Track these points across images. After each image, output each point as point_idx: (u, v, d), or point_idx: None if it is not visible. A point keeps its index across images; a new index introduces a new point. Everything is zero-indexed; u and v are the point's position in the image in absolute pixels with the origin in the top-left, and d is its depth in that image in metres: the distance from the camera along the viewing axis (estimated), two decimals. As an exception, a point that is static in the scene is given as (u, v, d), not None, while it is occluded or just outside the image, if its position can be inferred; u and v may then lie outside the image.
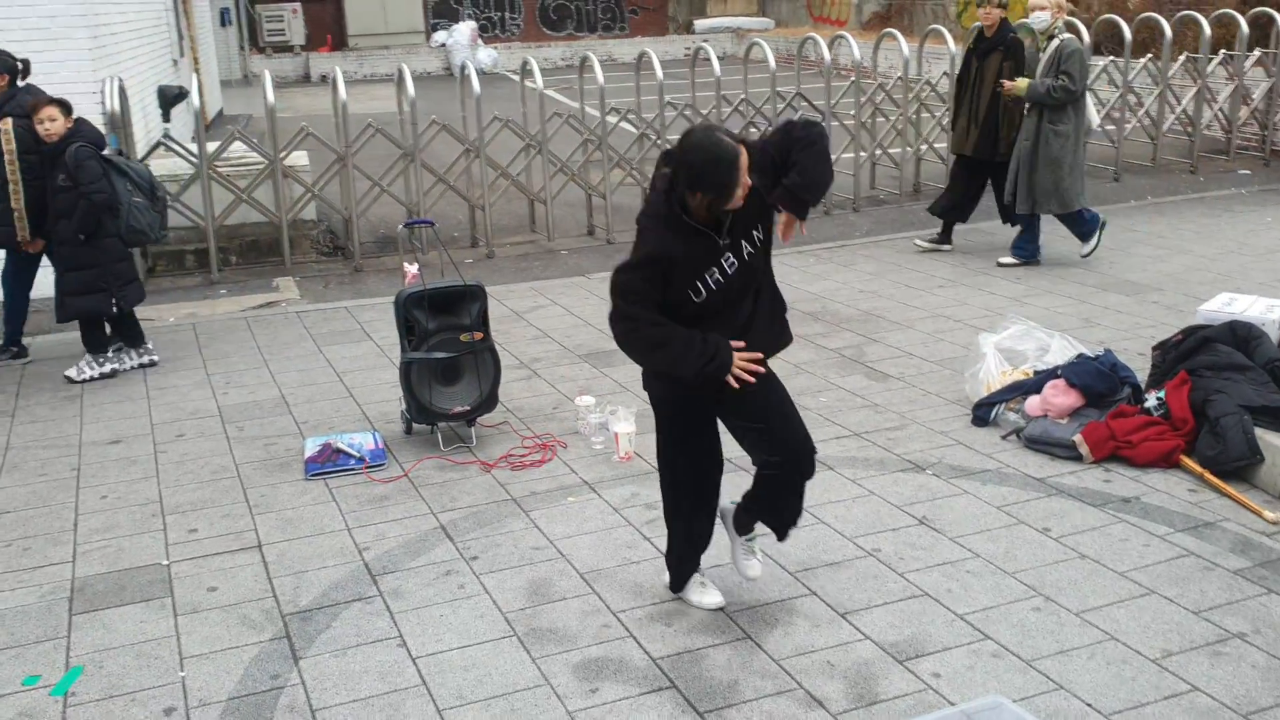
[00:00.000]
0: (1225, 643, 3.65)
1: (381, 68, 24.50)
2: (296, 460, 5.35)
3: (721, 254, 3.52)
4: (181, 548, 4.56)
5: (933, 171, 11.28)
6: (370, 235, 9.75)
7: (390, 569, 4.33)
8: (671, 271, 3.47)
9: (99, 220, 6.40)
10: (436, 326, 5.34)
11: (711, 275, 3.51)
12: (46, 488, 5.17)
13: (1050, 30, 8.00)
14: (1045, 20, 8.01)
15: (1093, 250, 8.42)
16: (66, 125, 6.40)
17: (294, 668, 3.70)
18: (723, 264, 3.52)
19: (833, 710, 3.38)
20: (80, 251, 6.41)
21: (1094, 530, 4.41)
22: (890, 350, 6.65)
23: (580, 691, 3.51)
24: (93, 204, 6.30)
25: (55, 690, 3.61)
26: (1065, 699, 3.39)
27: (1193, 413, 5.00)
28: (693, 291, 3.50)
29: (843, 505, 4.70)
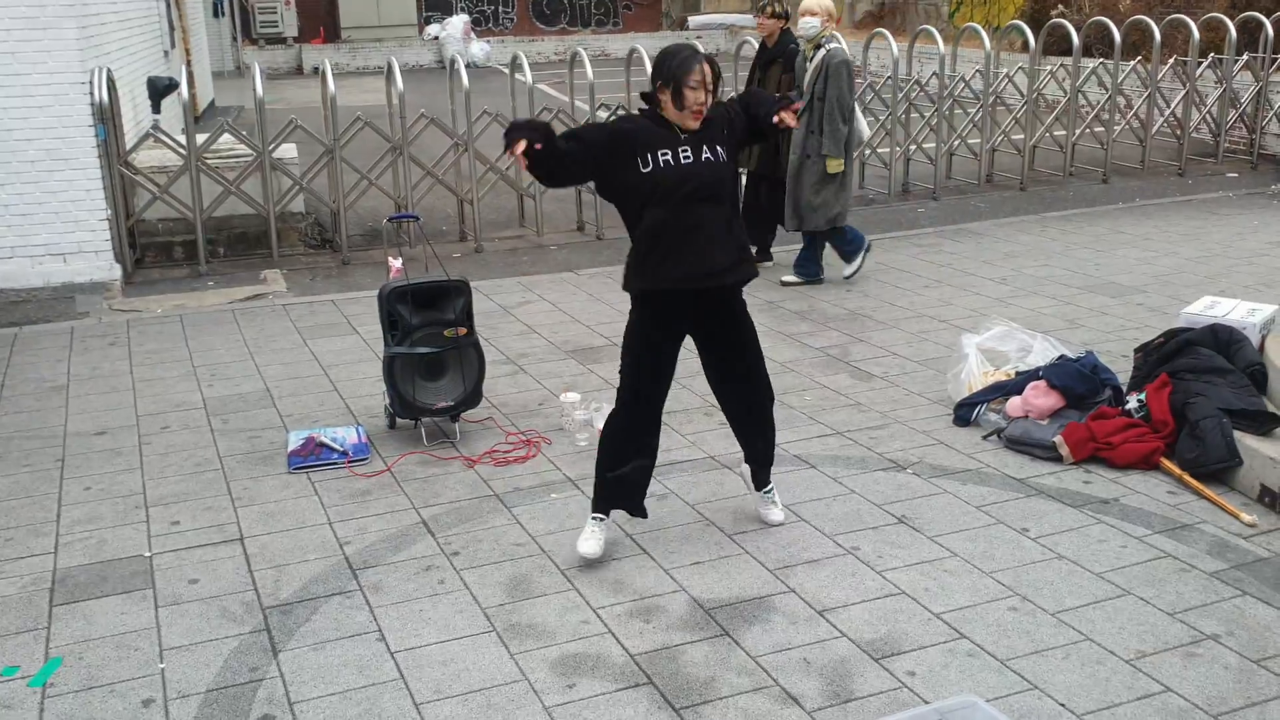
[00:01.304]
0: (1199, 644, 3.68)
1: (374, 60, 24.46)
2: (280, 453, 5.36)
3: (679, 143, 3.99)
4: (164, 540, 4.57)
5: (922, 172, 11.32)
6: (358, 228, 9.75)
7: (371, 563, 4.34)
8: (629, 144, 3.97)
9: None
10: (420, 321, 5.35)
11: (663, 154, 3.97)
12: (30, 478, 5.17)
13: (818, 39, 7.60)
14: (815, 28, 7.58)
15: (855, 272, 8.08)
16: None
17: (273, 660, 3.71)
18: (677, 150, 3.98)
19: (808, 707, 3.40)
20: None
21: (1072, 531, 4.44)
22: (875, 350, 6.68)
23: (557, 687, 3.53)
24: None
25: (34, 681, 3.61)
26: (1039, 699, 3.42)
27: (1173, 415, 5.03)
28: (640, 161, 3.95)
29: (823, 503, 4.72)
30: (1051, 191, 11.28)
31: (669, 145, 3.98)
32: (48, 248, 8.20)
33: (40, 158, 8.05)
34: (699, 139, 4.01)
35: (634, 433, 4.22)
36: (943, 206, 10.75)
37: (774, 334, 6.95)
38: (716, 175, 4.03)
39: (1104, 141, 11.74)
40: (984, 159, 11.49)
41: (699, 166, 3.99)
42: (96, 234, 8.26)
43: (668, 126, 4.01)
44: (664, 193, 3.96)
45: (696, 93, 3.91)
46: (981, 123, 11.36)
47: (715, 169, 4.02)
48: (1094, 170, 11.81)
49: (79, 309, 7.83)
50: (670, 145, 3.98)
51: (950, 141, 11.42)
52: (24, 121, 7.96)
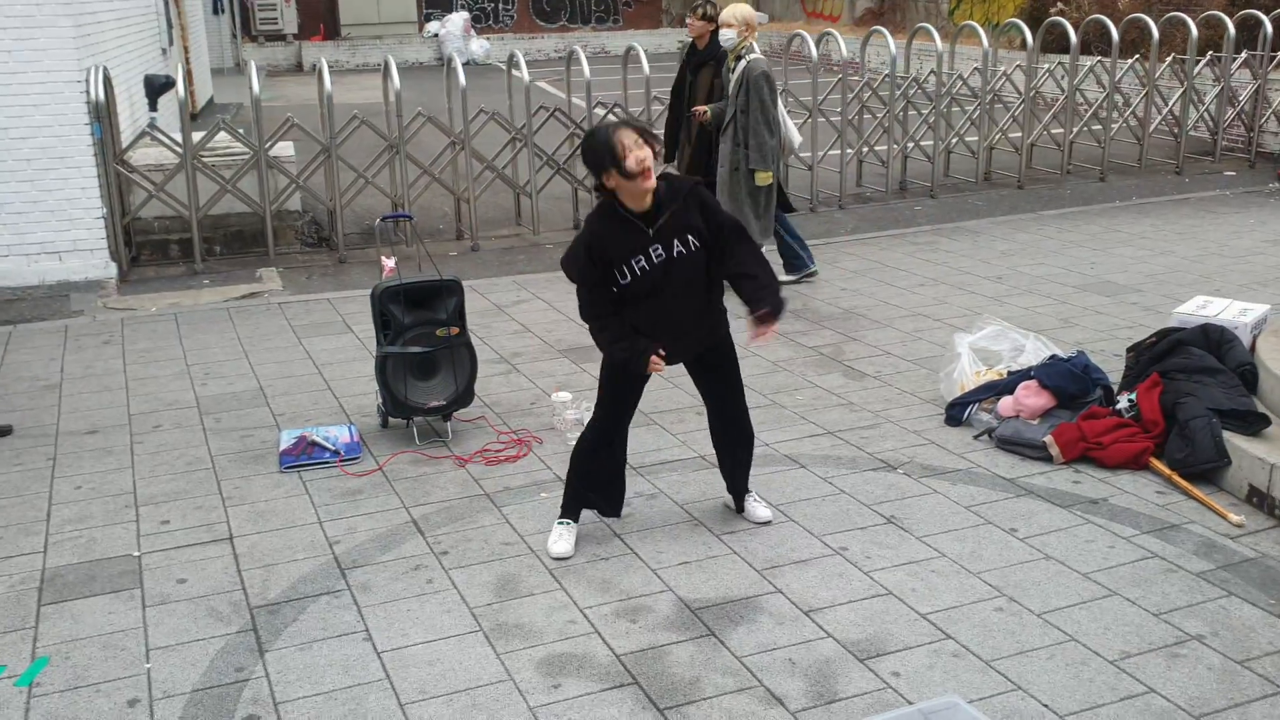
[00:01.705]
0: (1183, 645, 3.69)
1: (374, 57, 24.45)
2: (272, 453, 5.37)
3: (650, 244, 4.00)
4: (153, 539, 4.57)
5: (920, 170, 11.31)
6: (355, 227, 9.75)
7: (360, 563, 4.35)
8: (604, 255, 4.00)
9: None
10: (412, 321, 5.36)
11: (638, 262, 3.99)
12: (21, 477, 5.18)
13: (738, 51, 7.44)
14: (732, 39, 7.42)
15: (790, 283, 7.90)
16: None
17: (259, 660, 3.71)
18: (650, 253, 3.99)
19: (791, 708, 3.41)
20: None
21: (1060, 531, 4.44)
22: (869, 349, 6.68)
23: (543, 687, 3.54)
24: None
25: (20, 681, 3.62)
26: (1022, 699, 3.42)
27: (1163, 415, 5.03)
28: (619, 274, 4.00)
29: (812, 504, 4.72)
30: (1049, 190, 11.28)
31: (640, 249, 3.99)
32: (43, 246, 8.21)
33: (36, 156, 8.06)
34: (668, 232, 3.99)
35: (610, 439, 4.37)
36: (940, 204, 10.75)
37: (767, 333, 6.95)
38: (693, 268, 4.06)
39: (1101, 140, 11.73)
40: (982, 157, 11.49)
41: (672, 265, 4.02)
42: (92, 232, 8.28)
43: (632, 223, 3.99)
44: (641, 296, 4.05)
45: (637, 153, 3.86)
46: (979, 121, 11.36)
47: (688, 260, 4.04)
48: (1091, 169, 11.80)
49: (74, 307, 7.84)
50: (641, 248, 3.99)
51: (948, 139, 11.42)
52: (19, 120, 7.97)
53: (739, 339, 4.43)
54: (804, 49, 10.82)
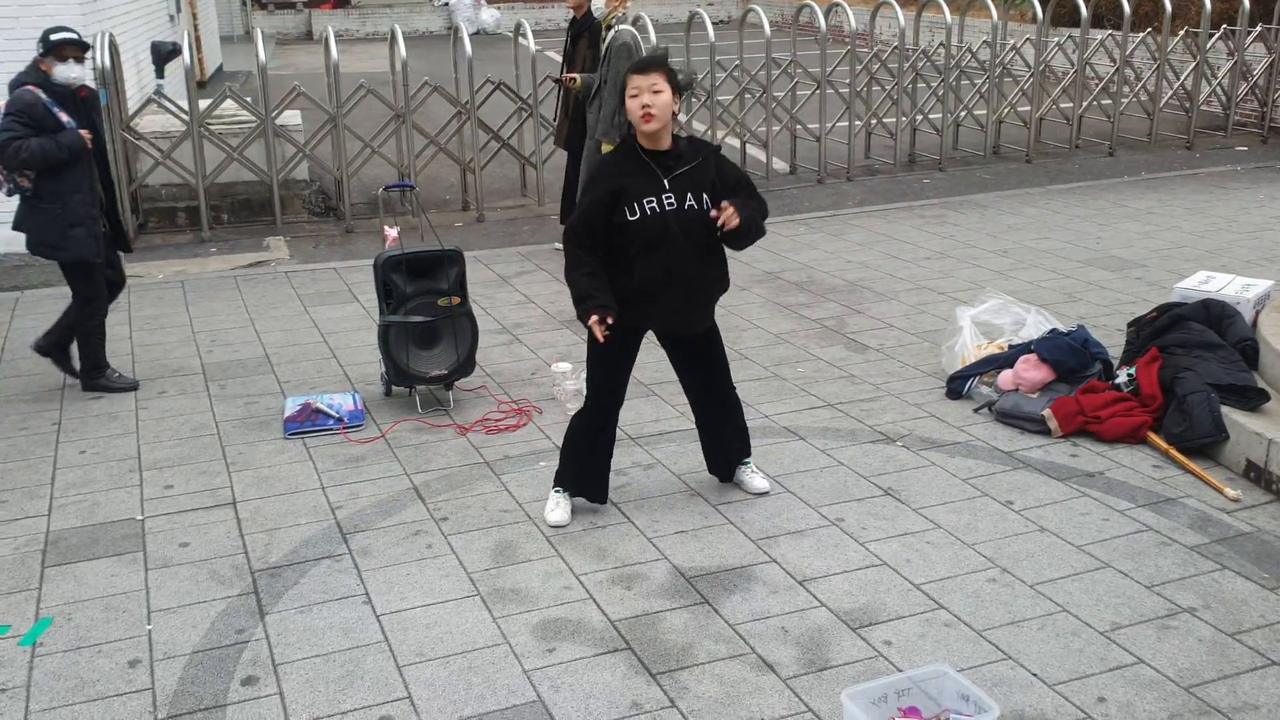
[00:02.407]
0: (1174, 617, 3.71)
1: (384, 26, 24.36)
2: (276, 419, 5.41)
3: (662, 190, 4.03)
4: (157, 503, 4.62)
5: (928, 143, 11.27)
6: (362, 196, 9.76)
7: (361, 528, 4.39)
8: (615, 198, 4.01)
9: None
10: (414, 290, 5.38)
11: (648, 202, 4.01)
12: (26, 441, 5.23)
13: (608, 20, 7.34)
14: (600, 9, 7.40)
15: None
16: None
17: (259, 623, 3.76)
18: (661, 198, 4.02)
19: (783, 675, 3.44)
20: None
21: (1056, 504, 4.47)
22: (872, 322, 6.69)
23: (538, 651, 3.58)
24: None
25: (24, 640, 3.68)
26: (1012, 668, 3.45)
27: (1162, 389, 5.04)
28: (628, 209, 4.00)
29: (810, 475, 4.75)
30: (1057, 164, 11.23)
31: (653, 191, 4.01)
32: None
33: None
34: (681, 184, 4.04)
35: (602, 425, 4.37)
36: (948, 178, 10.72)
37: (771, 305, 6.96)
38: (701, 226, 4.06)
39: (1111, 114, 11.66)
40: (990, 130, 11.44)
41: (681, 214, 4.03)
42: (99, 199, 8.27)
43: (650, 166, 4.04)
44: (650, 241, 4.02)
45: (637, 100, 3.95)
46: (988, 94, 11.30)
47: (698, 216, 4.05)
48: (1100, 143, 11.74)
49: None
50: (655, 191, 4.02)
51: (957, 112, 11.37)
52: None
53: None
54: (813, 20, 10.76)
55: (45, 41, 5.47)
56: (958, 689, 3.13)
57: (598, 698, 3.35)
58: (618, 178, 4.05)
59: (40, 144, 5.33)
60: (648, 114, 3.96)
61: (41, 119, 5.36)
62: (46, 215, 5.49)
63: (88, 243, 5.55)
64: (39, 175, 5.45)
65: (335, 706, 3.34)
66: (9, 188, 5.49)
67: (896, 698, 3.14)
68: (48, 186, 5.47)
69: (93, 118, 5.68)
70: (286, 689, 3.42)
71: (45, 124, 5.37)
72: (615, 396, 4.34)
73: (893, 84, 10.86)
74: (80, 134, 5.46)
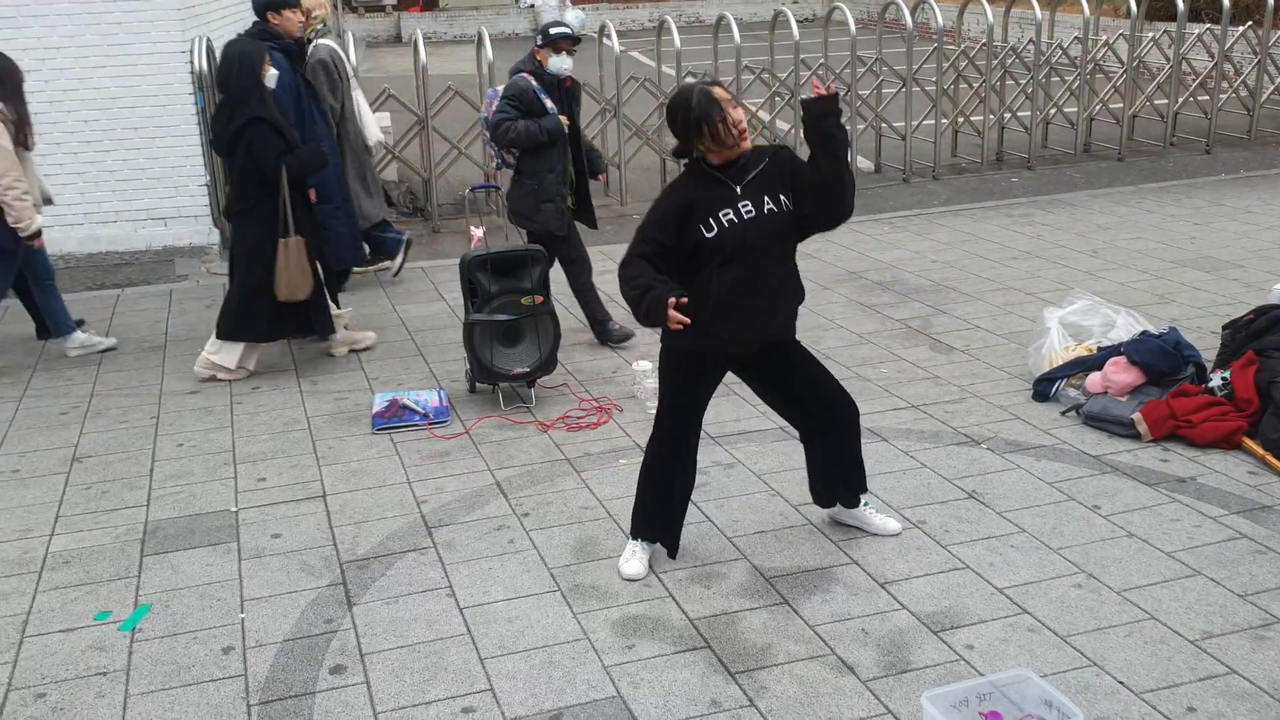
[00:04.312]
0: (1269, 627, 3.62)
1: (471, 29, 24.65)
2: (365, 415, 5.53)
3: (738, 200, 3.79)
4: (250, 495, 4.76)
5: (1017, 141, 11.09)
6: (449, 197, 9.89)
7: (445, 522, 4.47)
8: (689, 212, 3.77)
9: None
10: (499, 289, 5.46)
11: (725, 215, 3.77)
12: (127, 434, 5.42)
13: (306, 36, 7.05)
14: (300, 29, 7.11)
15: (394, 271, 7.76)
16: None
17: (347, 613, 3.86)
18: (739, 208, 3.78)
19: (862, 677, 3.43)
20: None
21: (1145, 509, 4.38)
22: (957, 322, 6.61)
23: (617, 647, 3.62)
24: None
25: (124, 626, 3.82)
26: (1097, 675, 3.40)
27: (1258, 394, 4.91)
28: (704, 226, 3.75)
29: (893, 477, 4.72)
30: (1151, 162, 10.97)
31: (729, 204, 3.77)
32: (149, 212, 8.51)
33: (142, 124, 8.34)
34: (755, 189, 3.79)
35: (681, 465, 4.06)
36: (1037, 176, 10.54)
37: (854, 305, 6.92)
38: (780, 227, 3.81)
39: (1208, 111, 11.35)
40: (1081, 128, 11.21)
41: (761, 220, 3.78)
42: (195, 199, 8.55)
43: (720, 180, 3.79)
44: (730, 253, 3.77)
45: (732, 115, 3.69)
46: (1079, 91, 11.08)
47: (778, 220, 3.81)
48: (1197, 140, 11.44)
49: (178, 272, 8.12)
50: (730, 203, 3.77)
51: (1046, 110, 11.17)
52: (128, 89, 8.25)
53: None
54: (900, 17, 10.65)
55: (545, 34, 6.11)
56: (1041, 694, 3.09)
57: (677, 695, 3.38)
58: (689, 191, 3.81)
59: (526, 126, 5.92)
60: (745, 130, 3.74)
61: (530, 104, 5.96)
62: (524, 190, 6.11)
63: (554, 217, 6.09)
64: (522, 154, 6.08)
65: (420, 696, 3.41)
66: (498, 162, 6.33)
67: (978, 702, 3.11)
68: (528, 165, 6.08)
69: (571, 106, 6.25)
70: (373, 678, 3.50)
71: (533, 109, 5.97)
72: (692, 423, 4.02)
73: (980, 81, 10.71)
74: (560, 120, 6.02)
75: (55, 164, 8.34)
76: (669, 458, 4.04)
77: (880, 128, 10.74)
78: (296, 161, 5.74)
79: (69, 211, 8.32)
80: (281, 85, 6.03)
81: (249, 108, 5.61)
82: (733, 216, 3.76)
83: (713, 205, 3.77)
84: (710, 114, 3.66)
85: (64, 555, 4.31)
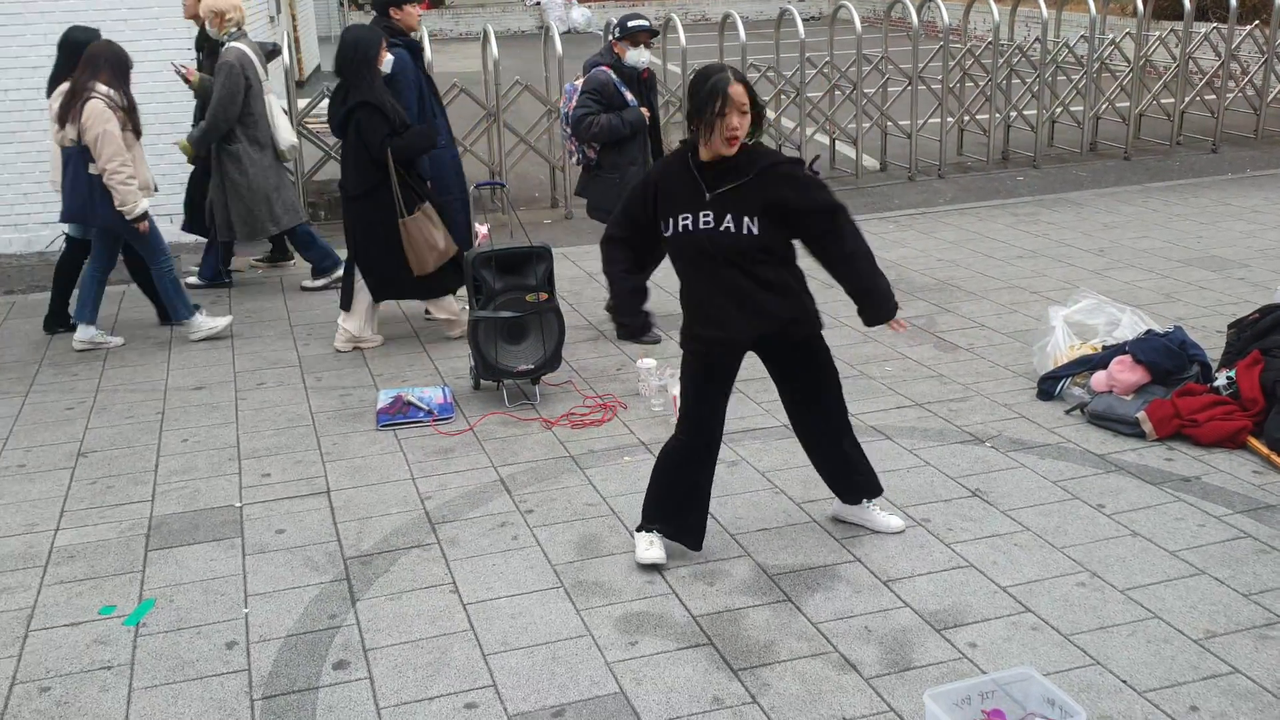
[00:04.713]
0: (1273, 626, 3.61)
1: (476, 26, 24.64)
2: (369, 411, 5.54)
3: (701, 207, 3.72)
4: (254, 491, 4.77)
5: (1023, 139, 11.08)
6: (454, 193, 9.90)
7: (449, 518, 4.48)
8: (655, 196, 3.82)
9: None
10: (503, 286, 5.47)
11: (683, 219, 3.74)
12: (132, 429, 5.43)
13: (220, 38, 7.13)
14: (211, 31, 7.19)
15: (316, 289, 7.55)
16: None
17: (351, 609, 3.87)
18: (698, 215, 3.72)
19: (865, 674, 3.43)
20: None
21: (1150, 508, 4.37)
22: (962, 321, 6.60)
23: (620, 643, 3.62)
24: None
25: (128, 620, 3.83)
26: (1100, 674, 3.40)
27: (1263, 393, 4.90)
28: (663, 224, 3.80)
29: (897, 475, 4.71)
30: (1157, 161, 10.95)
31: (690, 208, 3.71)
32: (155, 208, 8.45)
33: (148, 122, 8.29)
34: (723, 204, 3.69)
35: (700, 463, 4.02)
36: (1043, 175, 10.52)
37: (858, 303, 6.91)
38: (735, 247, 3.70)
39: (1215, 110, 11.33)
40: (1087, 127, 11.20)
41: (716, 236, 3.69)
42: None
43: (695, 180, 3.73)
44: (684, 256, 3.81)
45: (729, 118, 3.61)
46: (1085, 90, 11.06)
47: (735, 240, 3.69)
48: (1204, 140, 11.42)
49: (185, 268, 8.11)
50: (692, 209, 3.71)
51: (1052, 108, 11.15)
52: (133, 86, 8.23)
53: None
54: (906, 15, 10.64)
55: (623, 27, 6.19)
56: (1043, 693, 3.09)
57: (679, 691, 3.38)
58: (661, 179, 3.81)
59: (608, 119, 5.99)
60: (735, 138, 3.66)
61: (611, 97, 6.03)
62: (605, 184, 6.15)
63: None
64: (603, 147, 6.14)
65: (423, 692, 3.41)
66: (579, 158, 6.30)
67: (980, 700, 3.11)
68: (609, 158, 6.14)
69: (650, 98, 6.33)
70: (376, 674, 3.51)
71: (614, 102, 6.03)
72: (714, 420, 3.96)
73: (986, 80, 10.69)
74: (641, 111, 6.09)
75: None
76: (687, 456, 4.00)
77: (886, 126, 10.73)
78: (402, 144, 5.88)
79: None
80: (405, 76, 6.16)
81: (359, 91, 5.83)
82: (689, 224, 3.72)
83: (674, 205, 3.75)
84: (713, 104, 3.62)
85: (69, 550, 4.33)
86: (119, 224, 6.24)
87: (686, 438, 3.99)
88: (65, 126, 6.12)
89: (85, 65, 6.13)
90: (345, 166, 6.09)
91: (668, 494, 4.05)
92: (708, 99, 3.63)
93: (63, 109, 6.13)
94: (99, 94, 6.06)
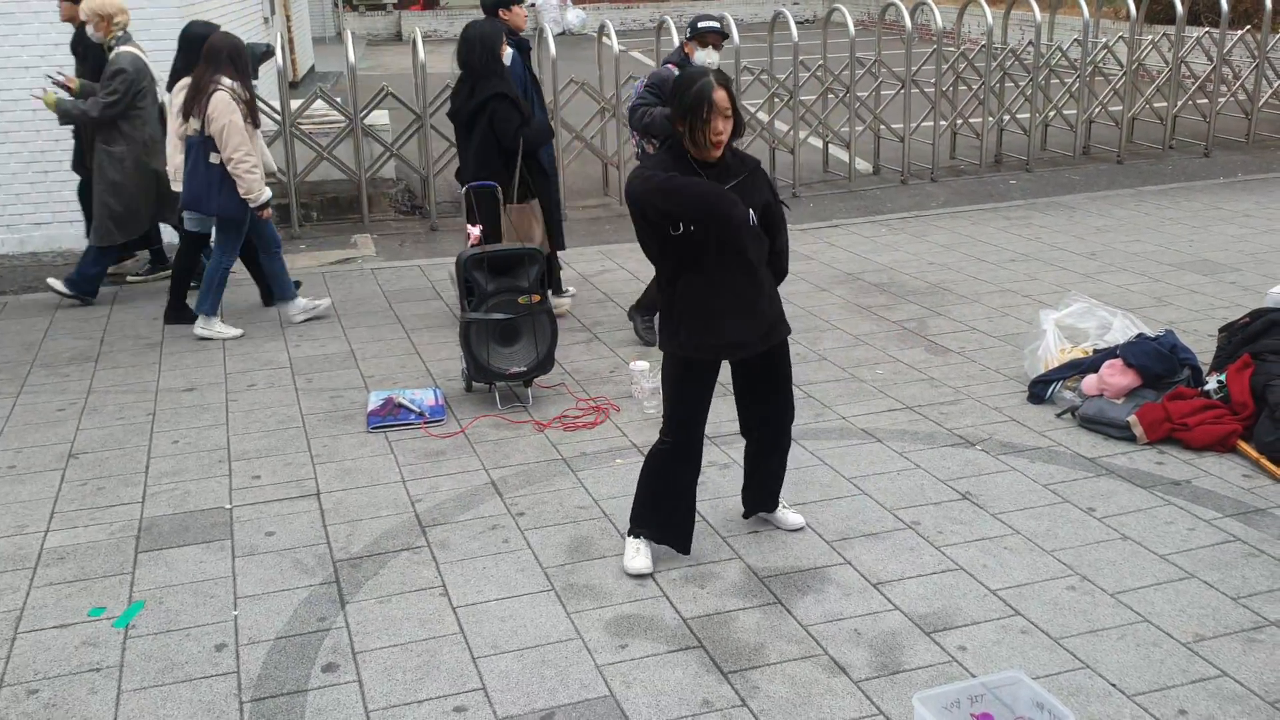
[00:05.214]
0: (1261, 630, 3.62)
1: (471, 27, 24.64)
2: (360, 413, 5.53)
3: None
4: (244, 493, 4.76)
5: (1015, 143, 11.10)
6: (447, 195, 9.89)
7: (440, 521, 4.47)
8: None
9: None
10: (495, 288, 5.46)
11: None
12: (123, 431, 5.42)
13: (107, 43, 7.02)
14: (95, 35, 7.04)
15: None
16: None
17: (340, 611, 3.86)
18: None
19: (854, 677, 3.44)
20: None
21: (1140, 512, 4.38)
22: (953, 324, 6.61)
23: (610, 646, 3.62)
24: None
25: (118, 622, 3.82)
26: (1089, 677, 3.40)
27: (1253, 397, 4.92)
28: (672, 224, 3.74)
29: (887, 478, 4.72)
30: (1150, 165, 10.98)
31: None
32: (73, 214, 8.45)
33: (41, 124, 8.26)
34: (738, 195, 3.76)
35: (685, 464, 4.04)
36: (1035, 178, 10.55)
37: (851, 306, 6.92)
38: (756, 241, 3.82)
39: (1207, 114, 11.36)
40: (1080, 130, 11.22)
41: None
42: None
43: (699, 174, 3.76)
44: (693, 261, 3.78)
45: (714, 123, 3.67)
46: (1078, 93, 11.08)
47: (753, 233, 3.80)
48: (1196, 144, 11.45)
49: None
50: None
51: (1045, 112, 11.17)
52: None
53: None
54: (899, 19, 10.66)
55: (693, 28, 6.34)
56: (1033, 696, 3.09)
57: (669, 694, 3.38)
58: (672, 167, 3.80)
59: (661, 113, 5.94)
60: (720, 142, 3.71)
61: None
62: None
63: None
64: (661, 142, 6.02)
65: (412, 695, 3.41)
66: (637, 151, 6.45)
67: (970, 703, 3.11)
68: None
69: None
70: (365, 677, 3.50)
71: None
72: (697, 420, 4.00)
73: (979, 83, 10.71)
74: None
75: (54, 160, 8.37)
76: (670, 460, 4.02)
77: (879, 129, 10.74)
78: (532, 134, 6.18)
79: (67, 207, 8.32)
80: (514, 72, 6.40)
81: (490, 84, 6.06)
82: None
83: None
84: (699, 110, 3.66)
85: (59, 551, 4.32)
86: (238, 211, 6.49)
87: (671, 441, 4.00)
88: (189, 119, 6.38)
89: (208, 59, 6.39)
90: (465, 156, 6.32)
91: (654, 498, 4.06)
92: (694, 105, 3.68)
93: (187, 102, 6.38)
94: (224, 87, 6.33)
